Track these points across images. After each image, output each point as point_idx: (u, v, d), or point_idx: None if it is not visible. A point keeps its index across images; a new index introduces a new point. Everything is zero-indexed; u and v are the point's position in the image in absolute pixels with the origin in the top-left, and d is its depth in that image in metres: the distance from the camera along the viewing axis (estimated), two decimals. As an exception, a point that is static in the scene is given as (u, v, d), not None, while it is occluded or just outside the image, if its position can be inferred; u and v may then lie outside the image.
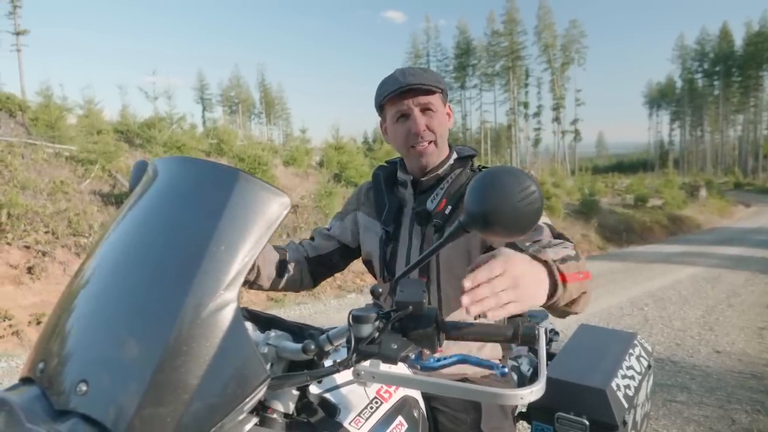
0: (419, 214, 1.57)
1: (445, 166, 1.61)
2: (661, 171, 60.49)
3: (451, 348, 1.35)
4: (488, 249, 1.51)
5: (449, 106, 1.65)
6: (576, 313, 1.17)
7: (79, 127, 11.66)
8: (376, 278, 1.74)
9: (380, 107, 1.61)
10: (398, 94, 1.51)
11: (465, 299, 0.85)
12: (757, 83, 72.06)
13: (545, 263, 1.00)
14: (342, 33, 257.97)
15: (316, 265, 1.77)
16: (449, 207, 1.55)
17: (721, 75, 75.00)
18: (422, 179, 1.62)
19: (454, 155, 1.65)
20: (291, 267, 1.66)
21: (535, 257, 1.00)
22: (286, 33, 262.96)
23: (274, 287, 1.63)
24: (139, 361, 0.72)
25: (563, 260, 1.06)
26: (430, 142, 1.56)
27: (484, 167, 1.63)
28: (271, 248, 1.62)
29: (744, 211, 29.70)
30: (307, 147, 16.66)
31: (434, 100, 1.55)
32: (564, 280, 1.01)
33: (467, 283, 0.87)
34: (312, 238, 1.84)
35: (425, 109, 1.54)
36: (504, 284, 0.89)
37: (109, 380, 0.71)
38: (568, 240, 1.34)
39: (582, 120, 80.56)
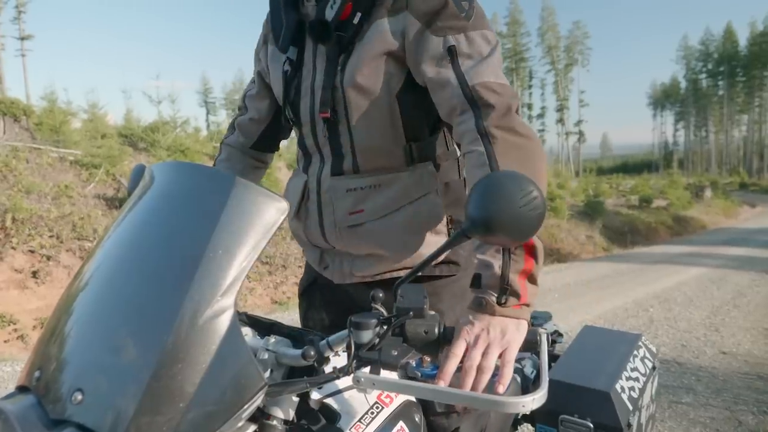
0: (314, 27, 1.23)
1: None
2: (665, 172, 60.33)
3: None
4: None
5: None
6: None
7: (84, 132, 11.70)
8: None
9: None
10: None
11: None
12: (762, 83, 71.85)
13: (492, 314, 0.93)
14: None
15: (263, 142, 1.59)
16: (357, 14, 1.20)
17: (726, 75, 74.83)
18: None
19: None
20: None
21: (478, 308, 0.94)
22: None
23: None
24: (135, 369, 0.71)
25: (504, 282, 0.94)
26: None
27: None
28: None
29: (749, 211, 29.58)
30: (310, 150, 16.63)
31: None
32: (523, 304, 0.95)
33: (441, 383, 0.85)
34: (240, 109, 1.61)
35: None
36: (479, 353, 0.87)
37: (104, 389, 0.71)
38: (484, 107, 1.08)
39: (586, 121, 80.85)
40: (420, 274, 0.90)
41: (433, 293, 1.30)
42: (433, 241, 1.32)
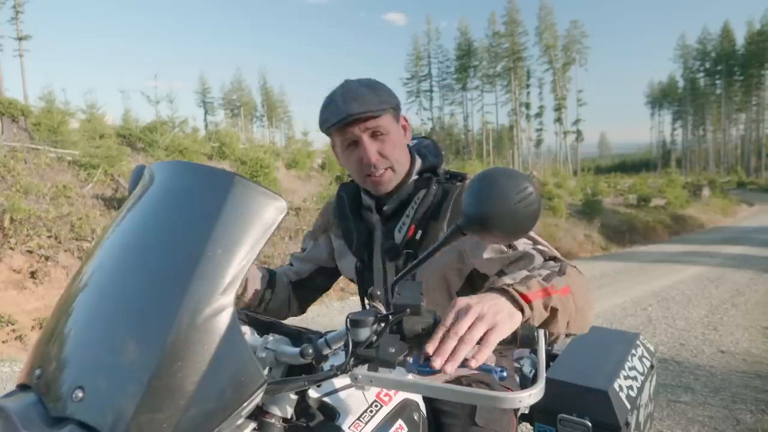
0: (388, 251, 1.49)
1: (407, 188, 1.49)
2: (663, 171, 60.33)
3: None
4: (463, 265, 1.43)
5: (404, 118, 1.51)
6: (563, 334, 1.09)
7: (82, 132, 11.69)
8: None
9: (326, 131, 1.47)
10: (342, 125, 1.38)
11: (436, 362, 0.83)
12: (759, 82, 71.83)
13: (499, 290, 0.97)
14: (343, 35, 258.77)
15: (300, 290, 1.72)
16: (419, 232, 1.44)
17: (723, 74, 74.81)
18: (384, 207, 1.50)
19: (417, 166, 1.51)
20: (279, 287, 1.62)
21: (489, 289, 0.98)
22: (287, 36, 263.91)
23: (260, 304, 1.57)
24: (136, 366, 0.71)
25: (524, 281, 1.01)
26: (386, 169, 1.43)
27: (453, 174, 1.52)
28: (258, 266, 1.58)
29: (747, 210, 29.62)
30: (309, 150, 16.71)
31: (383, 122, 1.39)
32: (527, 300, 0.96)
33: (429, 348, 0.84)
34: (291, 264, 1.77)
35: (375, 134, 1.40)
36: (466, 324, 0.86)
37: (105, 386, 0.71)
38: (556, 259, 1.26)
39: (584, 120, 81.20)
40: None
41: None
42: None
